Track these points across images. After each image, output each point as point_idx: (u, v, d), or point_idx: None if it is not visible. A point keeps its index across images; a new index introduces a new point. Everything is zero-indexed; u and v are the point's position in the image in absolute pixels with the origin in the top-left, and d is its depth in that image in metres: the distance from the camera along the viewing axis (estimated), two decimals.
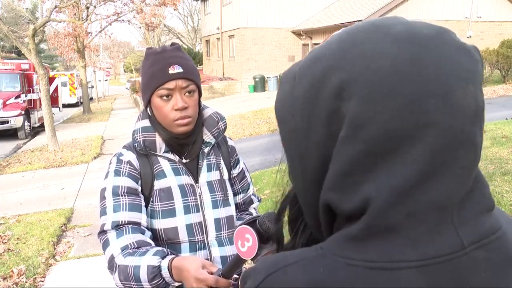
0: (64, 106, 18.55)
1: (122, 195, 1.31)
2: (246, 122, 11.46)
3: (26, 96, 12.95)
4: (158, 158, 1.38)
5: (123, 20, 18.16)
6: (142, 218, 1.30)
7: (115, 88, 40.51)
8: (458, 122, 0.44)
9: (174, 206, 1.35)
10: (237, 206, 1.55)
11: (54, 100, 13.85)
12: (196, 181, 1.40)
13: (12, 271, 3.83)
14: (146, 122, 1.38)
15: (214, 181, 1.43)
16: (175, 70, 1.29)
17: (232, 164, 1.53)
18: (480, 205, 0.48)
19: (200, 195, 1.39)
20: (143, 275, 1.16)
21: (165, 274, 1.15)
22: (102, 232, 1.30)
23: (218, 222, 1.40)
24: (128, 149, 1.39)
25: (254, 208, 1.62)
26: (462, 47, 0.46)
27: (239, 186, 1.56)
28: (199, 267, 1.09)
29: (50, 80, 13.62)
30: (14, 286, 3.63)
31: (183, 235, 1.34)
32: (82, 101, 19.78)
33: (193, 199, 1.37)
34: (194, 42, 40.25)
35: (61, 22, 14.89)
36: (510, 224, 0.51)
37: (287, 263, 0.48)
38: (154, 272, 1.15)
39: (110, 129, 13.07)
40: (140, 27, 26.62)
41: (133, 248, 1.23)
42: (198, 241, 1.36)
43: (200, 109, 1.42)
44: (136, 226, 1.28)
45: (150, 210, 1.35)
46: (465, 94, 0.44)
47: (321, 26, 16.99)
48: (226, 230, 1.41)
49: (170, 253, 1.22)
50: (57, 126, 11.85)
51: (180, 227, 1.34)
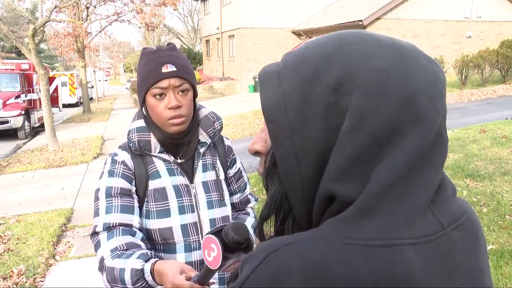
0: (64, 106, 18.54)
1: (115, 196, 1.31)
2: (246, 122, 11.46)
3: (26, 96, 12.94)
4: (153, 158, 1.37)
5: (123, 20, 18.16)
6: (134, 219, 1.31)
7: (115, 88, 40.50)
8: (436, 121, 0.50)
9: (169, 206, 1.34)
10: (233, 206, 1.55)
11: (54, 100, 13.84)
12: (191, 181, 1.40)
13: (12, 271, 3.84)
14: (141, 122, 1.38)
15: (209, 181, 1.43)
16: (168, 69, 1.29)
17: (228, 164, 1.52)
18: (448, 190, 0.53)
19: (195, 195, 1.39)
20: (127, 278, 1.17)
21: (147, 277, 1.16)
22: (94, 233, 1.31)
23: (213, 222, 1.40)
24: (123, 149, 1.39)
25: (251, 207, 1.62)
26: (432, 60, 0.53)
27: (236, 186, 1.55)
28: (177, 272, 1.10)
29: (50, 80, 13.61)
30: (14, 286, 3.63)
31: (178, 235, 1.34)
32: (82, 101, 19.77)
33: (187, 200, 1.37)
34: (194, 42, 40.24)
35: (61, 22, 14.89)
36: (468, 204, 0.58)
37: (285, 243, 0.48)
38: (138, 275, 1.16)
39: (110, 129, 13.07)
40: (140, 27, 26.61)
41: (122, 250, 1.24)
42: (193, 241, 1.36)
43: (195, 109, 1.41)
44: (127, 228, 1.29)
45: (145, 210, 1.35)
46: (440, 98, 0.51)
47: (321, 26, 16.98)
48: None
49: (153, 256, 1.23)
50: (57, 126, 11.85)
51: (175, 227, 1.34)
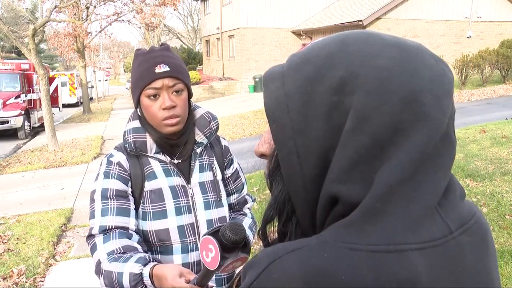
0: (64, 106, 18.54)
1: (110, 198, 1.30)
2: (246, 122, 11.46)
3: (26, 96, 12.93)
4: (149, 159, 1.37)
5: (123, 20, 18.16)
6: (130, 222, 1.30)
7: (115, 88, 40.49)
8: (443, 121, 0.48)
9: (166, 207, 1.34)
10: (231, 207, 1.55)
11: (54, 100, 13.84)
12: (188, 182, 1.39)
13: (12, 271, 3.83)
14: (137, 123, 1.37)
15: (206, 181, 1.42)
16: (162, 69, 1.29)
17: (225, 164, 1.52)
18: (457, 192, 0.52)
19: (192, 196, 1.38)
20: (126, 282, 1.17)
21: (146, 281, 1.16)
22: (90, 236, 1.30)
23: (210, 223, 1.39)
24: (119, 150, 1.39)
25: (248, 208, 1.61)
26: (439, 58, 0.52)
27: (233, 187, 1.54)
28: (176, 276, 1.10)
29: (50, 80, 13.61)
30: (14, 286, 3.63)
31: (175, 237, 1.33)
32: (82, 101, 19.77)
33: (184, 200, 1.36)
34: (194, 42, 40.23)
35: (61, 22, 14.88)
36: (477, 208, 0.56)
37: (289, 250, 0.47)
38: (136, 279, 1.16)
39: (110, 129, 13.06)
40: (140, 27, 26.63)
41: (118, 253, 1.24)
42: (190, 242, 1.35)
43: (191, 109, 1.41)
44: (123, 231, 1.28)
45: (141, 211, 1.34)
46: (447, 97, 0.49)
47: (321, 26, 16.98)
48: None
49: (152, 260, 1.22)
50: (57, 126, 11.85)
51: (171, 229, 1.33)
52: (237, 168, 1.56)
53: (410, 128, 0.46)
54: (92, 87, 25.35)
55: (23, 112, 12.30)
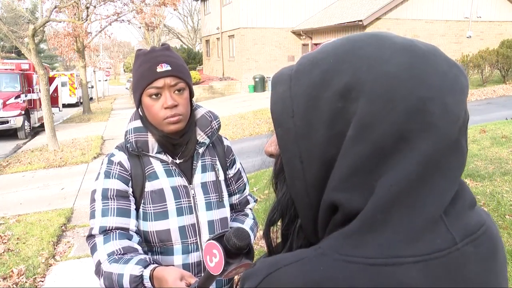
0: (64, 106, 18.53)
1: (111, 199, 1.30)
2: (246, 122, 11.46)
3: (26, 96, 12.93)
4: (151, 159, 1.36)
5: (123, 20, 18.16)
6: (130, 223, 1.30)
7: (115, 88, 40.47)
8: (452, 130, 0.47)
9: (167, 208, 1.33)
10: (232, 207, 1.54)
11: (54, 100, 13.84)
12: (189, 182, 1.38)
13: (12, 271, 3.83)
14: (138, 123, 1.37)
15: (208, 182, 1.41)
16: (163, 68, 1.29)
17: (228, 164, 1.51)
18: (466, 201, 0.51)
19: (193, 197, 1.37)
20: (126, 284, 1.17)
21: (147, 283, 1.16)
22: (90, 236, 1.30)
23: (211, 224, 1.38)
24: (120, 149, 1.38)
25: (250, 208, 1.61)
26: (454, 63, 0.50)
27: (235, 187, 1.54)
28: (177, 278, 1.10)
29: (50, 80, 13.61)
30: (14, 286, 3.62)
31: (176, 237, 1.33)
32: (82, 101, 19.77)
33: (186, 201, 1.36)
34: (194, 42, 40.23)
35: (61, 22, 14.88)
36: (489, 217, 0.55)
37: (287, 263, 0.47)
38: (136, 281, 1.16)
39: (110, 129, 13.06)
40: (140, 27, 26.61)
41: (119, 254, 1.23)
42: (191, 243, 1.35)
43: (192, 109, 1.41)
44: (123, 232, 1.28)
45: (142, 212, 1.33)
46: (458, 105, 0.47)
47: (321, 26, 16.98)
48: None
49: (152, 262, 1.22)
50: (57, 126, 11.85)
51: (172, 229, 1.33)
52: (239, 168, 1.56)
53: (415, 137, 0.45)
54: (92, 87, 25.35)
55: (23, 112, 12.30)
